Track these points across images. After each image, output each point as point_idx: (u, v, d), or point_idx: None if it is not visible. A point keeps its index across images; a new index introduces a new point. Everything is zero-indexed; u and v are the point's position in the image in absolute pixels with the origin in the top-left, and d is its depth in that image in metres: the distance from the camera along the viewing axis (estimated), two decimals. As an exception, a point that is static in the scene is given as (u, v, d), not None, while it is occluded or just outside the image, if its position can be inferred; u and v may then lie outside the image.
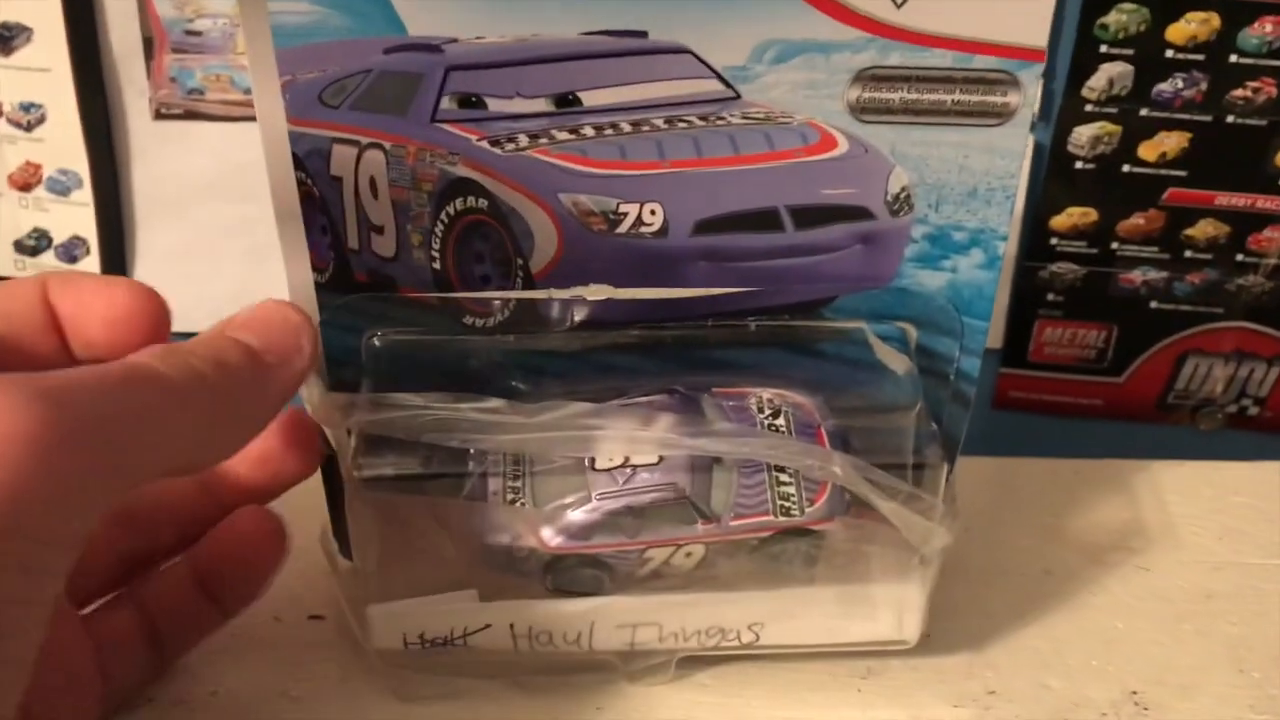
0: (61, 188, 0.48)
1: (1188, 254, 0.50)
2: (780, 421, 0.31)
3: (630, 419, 0.29)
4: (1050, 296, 0.51)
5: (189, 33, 0.46)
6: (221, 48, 0.46)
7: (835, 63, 0.29)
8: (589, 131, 0.30)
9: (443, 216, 0.31)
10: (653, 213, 0.31)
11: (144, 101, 0.47)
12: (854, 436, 0.31)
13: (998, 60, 0.29)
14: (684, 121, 0.30)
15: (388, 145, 0.30)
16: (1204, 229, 0.50)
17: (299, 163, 0.30)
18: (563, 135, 0.30)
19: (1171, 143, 0.48)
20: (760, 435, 0.30)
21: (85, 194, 0.48)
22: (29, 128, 0.47)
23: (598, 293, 0.32)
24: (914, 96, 0.29)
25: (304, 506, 0.32)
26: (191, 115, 0.47)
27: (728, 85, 0.29)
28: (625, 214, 0.31)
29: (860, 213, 0.31)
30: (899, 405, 0.32)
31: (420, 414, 0.29)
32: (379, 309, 0.32)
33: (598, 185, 0.30)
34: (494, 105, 0.30)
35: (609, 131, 0.30)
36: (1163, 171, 0.49)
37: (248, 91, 0.47)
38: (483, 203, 0.31)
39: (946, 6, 0.28)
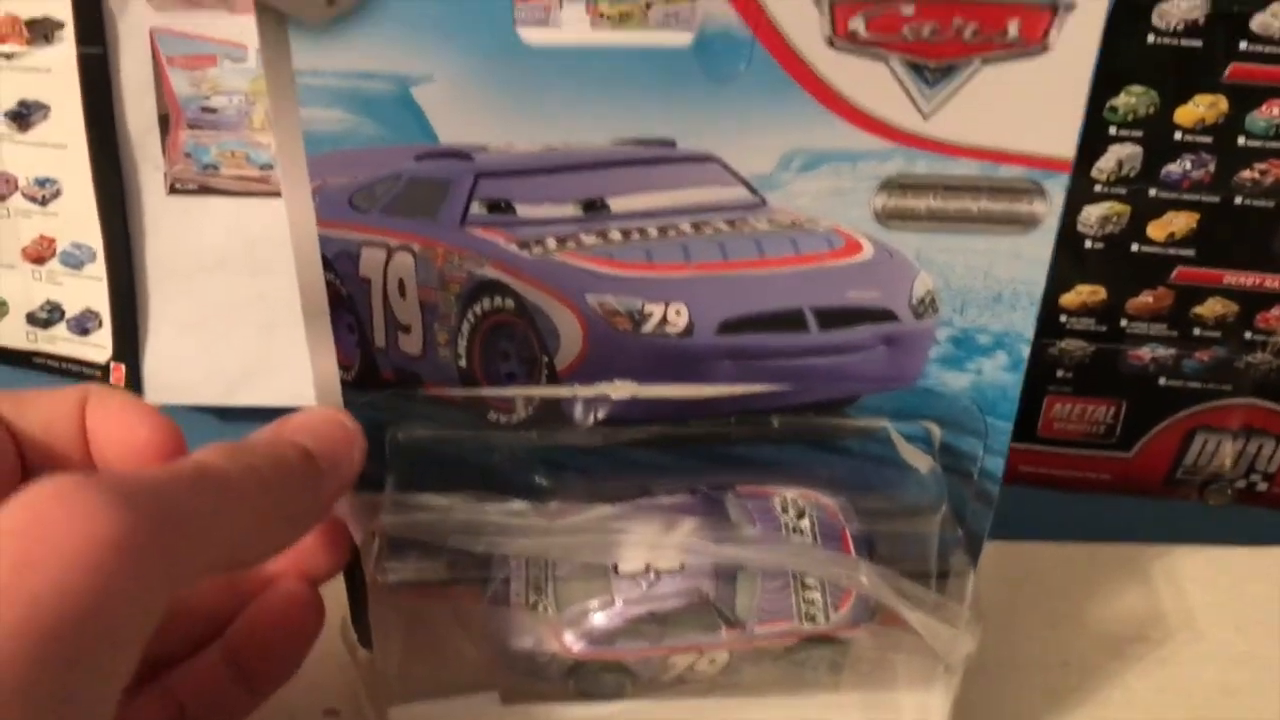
0: (75, 261, 0.48)
1: (1196, 331, 0.50)
2: (805, 523, 0.31)
3: (653, 523, 0.29)
4: (1059, 373, 0.51)
5: (205, 109, 0.46)
6: (237, 124, 0.47)
7: (861, 171, 0.29)
8: (616, 236, 0.30)
9: (469, 316, 0.31)
10: (678, 313, 0.31)
11: (159, 176, 0.47)
12: (879, 541, 0.31)
13: (1024, 170, 0.29)
14: (710, 227, 0.30)
15: (417, 248, 0.30)
16: (1212, 307, 0.50)
17: (328, 264, 0.30)
18: (590, 239, 0.30)
19: (1180, 223, 0.48)
20: (785, 543, 0.30)
21: (98, 267, 0.48)
22: (44, 202, 0.47)
23: (622, 390, 0.32)
24: (940, 205, 0.29)
25: (323, 597, 0.32)
26: (206, 190, 0.47)
27: (754, 192, 0.29)
28: (650, 314, 0.31)
29: (885, 315, 0.31)
30: (923, 506, 0.32)
31: (444, 517, 0.29)
32: (404, 406, 0.32)
33: (624, 287, 0.31)
34: (522, 210, 0.30)
35: (636, 236, 0.30)
36: (1171, 251, 0.49)
37: (263, 167, 0.48)
38: (509, 303, 0.31)
39: (973, 117, 0.28)
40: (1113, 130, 0.47)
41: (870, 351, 0.32)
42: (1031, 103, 0.28)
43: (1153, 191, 0.48)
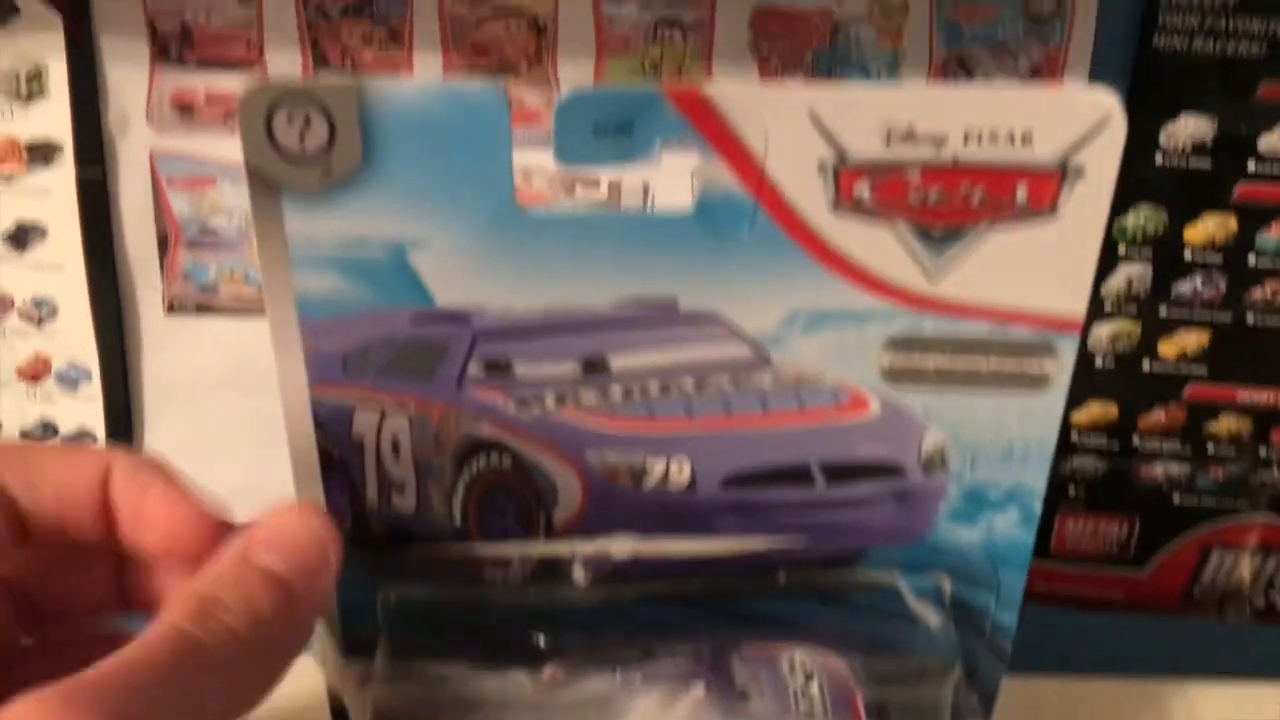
0: (70, 381, 0.48)
1: (1210, 449, 0.50)
2: (814, 688, 0.30)
3: (655, 699, 0.28)
4: (1072, 490, 0.51)
5: (204, 230, 0.46)
6: (236, 244, 0.46)
7: (867, 331, 0.28)
8: (617, 393, 0.29)
9: (465, 475, 0.30)
10: (680, 468, 0.30)
11: (157, 297, 0.47)
12: (892, 709, 0.30)
13: (1034, 330, 0.28)
14: (714, 384, 0.30)
15: (412, 409, 0.29)
16: (1226, 424, 0.49)
17: (319, 426, 0.29)
18: (590, 397, 0.29)
19: (1191, 341, 0.48)
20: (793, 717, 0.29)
21: (94, 388, 0.47)
22: (40, 322, 0.47)
23: (623, 546, 0.31)
24: (949, 364, 0.29)
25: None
26: (204, 310, 0.47)
27: (758, 350, 0.29)
28: (652, 469, 0.30)
29: (894, 470, 0.30)
30: (934, 666, 0.31)
31: (439, 690, 0.28)
32: (397, 564, 0.31)
33: (625, 443, 0.30)
34: (521, 370, 0.29)
35: (637, 393, 0.30)
36: (1183, 368, 0.48)
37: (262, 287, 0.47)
38: (506, 461, 0.30)
39: (982, 278, 0.28)
40: (1122, 249, 0.47)
41: (879, 506, 0.31)
42: (1041, 265, 0.27)
43: (1163, 310, 0.47)
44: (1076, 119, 0.25)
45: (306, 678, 0.30)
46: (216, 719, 0.24)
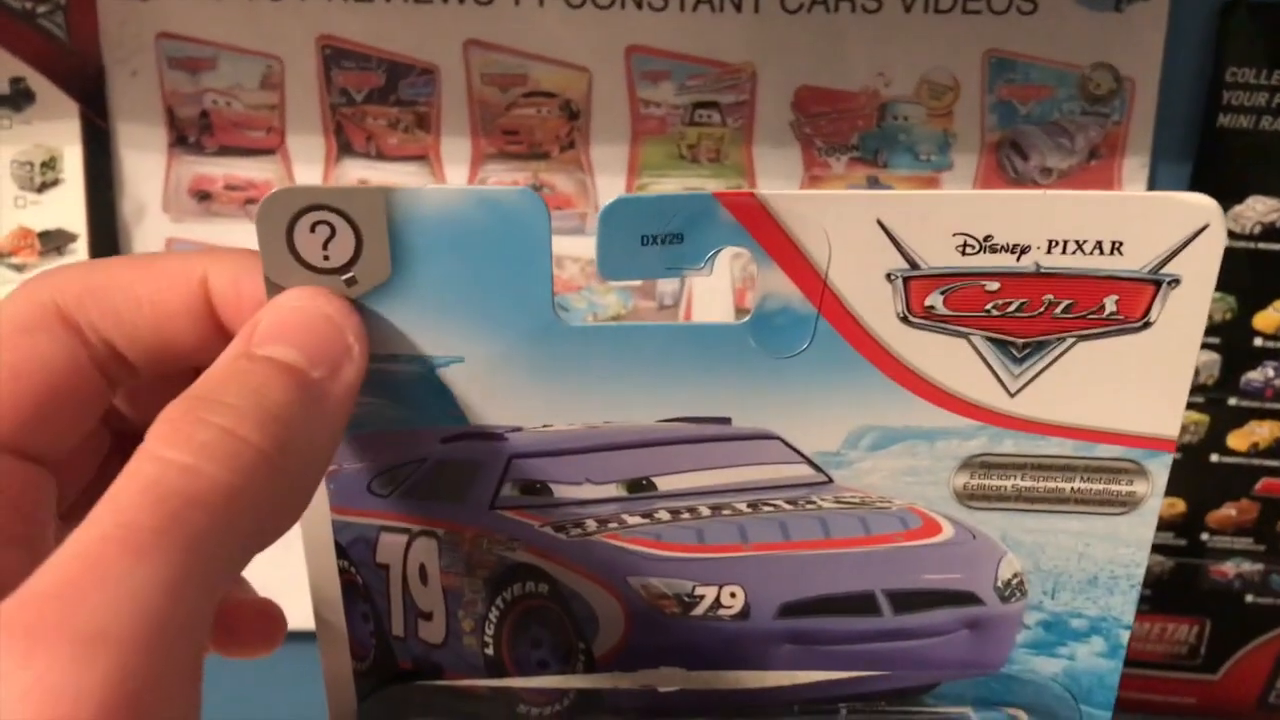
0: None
1: (1284, 546, 0.47)
2: (881, 838, 0.27)
3: None
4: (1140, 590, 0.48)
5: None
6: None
7: (940, 450, 0.26)
8: (664, 515, 0.27)
9: (498, 602, 0.28)
10: (733, 595, 0.28)
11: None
12: None
13: (1123, 449, 0.26)
14: (770, 505, 0.27)
15: (441, 532, 0.27)
16: (1301, 520, 0.46)
17: (342, 551, 0.27)
18: (634, 520, 0.27)
19: (1264, 432, 0.45)
20: None
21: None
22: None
23: (669, 679, 0.28)
24: (1029, 484, 0.26)
25: None
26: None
27: (819, 470, 0.26)
28: (702, 596, 0.28)
29: (967, 598, 0.28)
30: (1013, 814, 0.28)
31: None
32: (425, 698, 0.28)
33: (672, 569, 0.27)
34: (559, 491, 0.27)
35: (686, 516, 0.27)
36: (1255, 461, 0.45)
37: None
38: (544, 588, 0.27)
39: (1067, 394, 0.25)
40: (1185, 334, 0.44)
41: (950, 637, 0.28)
42: (1131, 379, 0.25)
43: (1233, 400, 0.45)
44: (1173, 225, 0.23)
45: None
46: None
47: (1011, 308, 0.24)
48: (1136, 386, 0.25)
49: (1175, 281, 0.24)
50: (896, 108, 0.41)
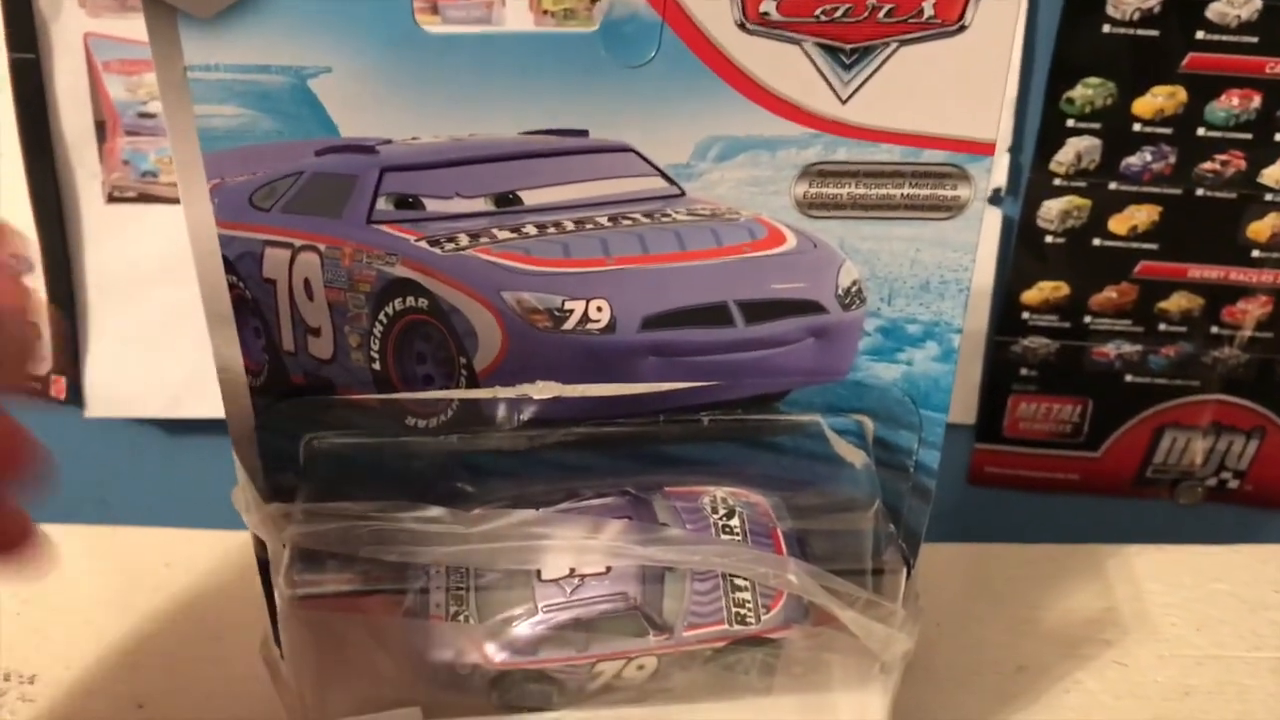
0: (13, 273, 0.47)
1: (1162, 327, 0.50)
2: (734, 522, 0.30)
3: (576, 526, 0.28)
4: (1023, 371, 0.50)
5: (142, 115, 0.46)
6: (176, 131, 0.46)
7: (781, 159, 0.28)
8: (531, 230, 0.29)
9: (381, 317, 0.30)
10: (599, 309, 0.30)
11: (96, 185, 0.46)
12: (812, 539, 0.30)
13: (947, 154, 0.28)
14: (629, 219, 0.29)
15: (322, 247, 0.29)
16: (1177, 302, 0.49)
17: (230, 266, 0.29)
18: (504, 234, 0.29)
19: (1142, 216, 0.47)
20: (712, 542, 0.29)
21: (36, 279, 0.47)
22: (-21, 213, 0.47)
23: (545, 390, 0.31)
24: (862, 191, 0.28)
25: (244, 616, 0.31)
26: (145, 198, 0.46)
27: (672, 182, 0.28)
28: (571, 311, 0.30)
29: (811, 307, 0.30)
30: (856, 502, 0.31)
31: (357, 526, 0.28)
32: (317, 413, 0.31)
33: (541, 283, 0.30)
34: (432, 206, 0.29)
35: (551, 230, 0.29)
36: (1134, 245, 0.48)
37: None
38: (423, 302, 0.30)
39: (893, 101, 0.27)
40: (1070, 123, 0.46)
41: (798, 345, 0.31)
42: (951, 85, 0.27)
43: (1113, 185, 0.47)
44: (979, -77, 0.25)
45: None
46: None
47: (839, 13, 0.26)
48: (956, 91, 0.27)
49: (986, -17, 0.26)
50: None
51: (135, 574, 0.40)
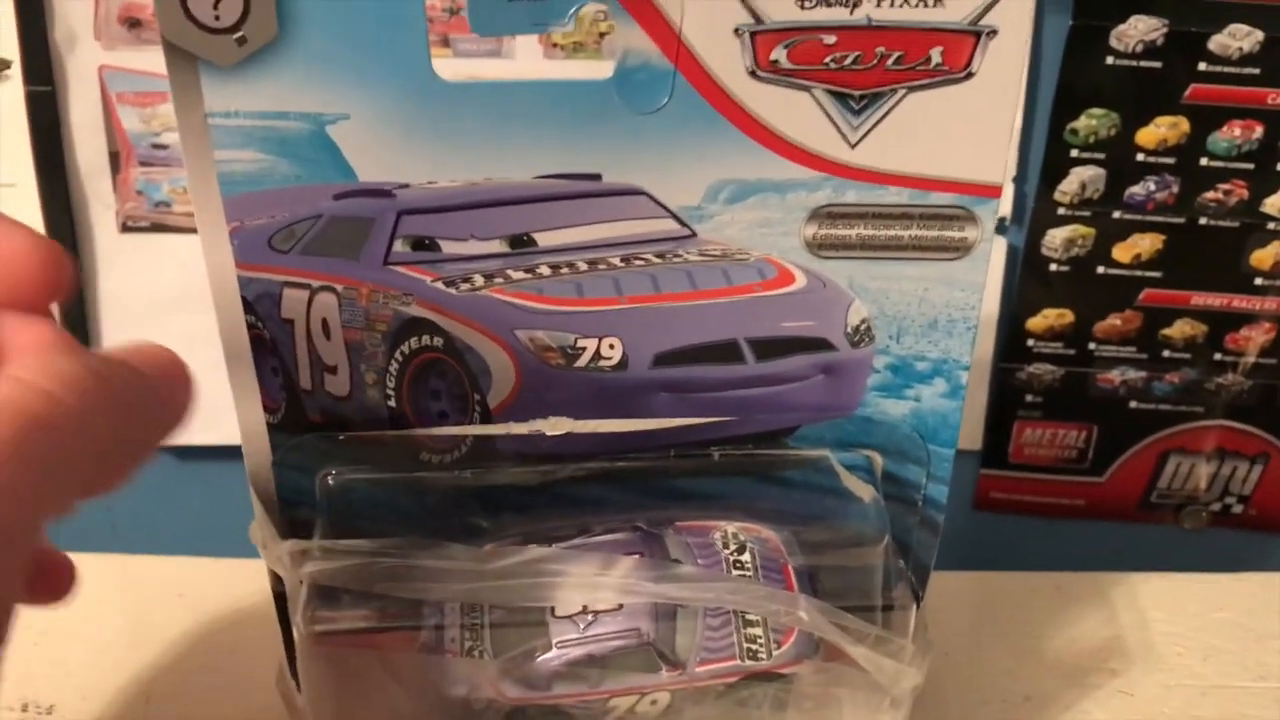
0: (28, 302, 0.48)
1: (1166, 354, 0.50)
2: (745, 558, 0.30)
3: (589, 563, 0.29)
4: (1029, 397, 0.51)
5: (155, 146, 0.46)
6: (190, 161, 0.46)
7: (790, 201, 0.28)
8: (545, 270, 0.30)
9: (397, 355, 0.30)
10: (611, 346, 0.30)
11: (110, 215, 0.47)
12: (823, 574, 0.30)
13: (954, 196, 0.28)
14: (641, 259, 0.30)
15: (340, 288, 0.29)
16: (1181, 329, 0.49)
17: (249, 306, 0.29)
18: (518, 275, 0.30)
19: (1146, 244, 0.48)
20: (724, 579, 0.29)
21: (52, 307, 0.48)
22: (-5, 243, 0.47)
23: (557, 426, 0.31)
24: (871, 233, 0.29)
25: (259, 647, 0.31)
26: (158, 228, 0.47)
27: (683, 224, 0.29)
28: (583, 348, 0.30)
29: (821, 344, 0.31)
30: (866, 537, 0.31)
31: (373, 563, 0.29)
32: (333, 449, 0.31)
33: (554, 321, 0.30)
34: (448, 247, 0.29)
35: (565, 270, 0.30)
36: (1138, 273, 0.48)
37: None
38: (438, 341, 0.30)
39: (901, 145, 0.28)
40: (1075, 153, 0.47)
41: (808, 381, 0.31)
42: (959, 129, 0.27)
43: (1117, 214, 0.47)
44: (986, -26, 0.25)
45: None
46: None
47: (848, 60, 0.27)
48: (964, 136, 0.27)
49: (993, 32, 0.26)
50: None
51: (149, 604, 0.40)
